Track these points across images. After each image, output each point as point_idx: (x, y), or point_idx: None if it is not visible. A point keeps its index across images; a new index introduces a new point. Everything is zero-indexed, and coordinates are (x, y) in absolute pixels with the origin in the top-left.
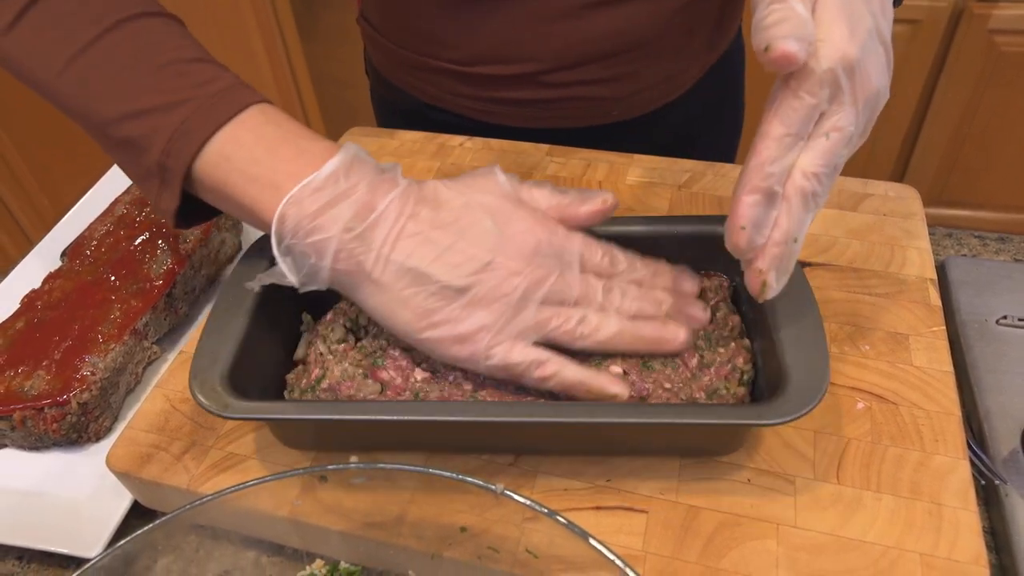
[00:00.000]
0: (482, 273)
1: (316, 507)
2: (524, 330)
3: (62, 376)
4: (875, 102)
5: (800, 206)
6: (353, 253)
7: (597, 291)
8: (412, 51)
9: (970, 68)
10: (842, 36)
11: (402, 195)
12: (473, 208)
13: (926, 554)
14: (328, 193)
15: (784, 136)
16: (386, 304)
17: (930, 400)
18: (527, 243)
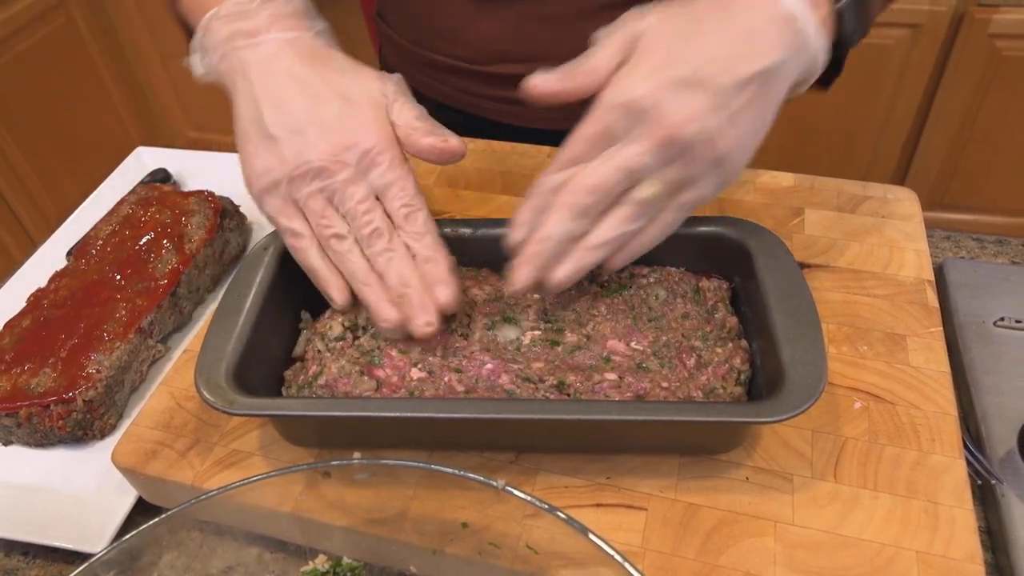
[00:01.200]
0: (293, 135)
1: (319, 503)
2: (295, 198)
3: (68, 374)
4: (680, 147)
5: (561, 215)
6: (230, 60)
7: (370, 224)
8: (426, 48)
9: (971, 72)
10: (636, 78)
11: (296, 41)
12: (337, 88)
13: (922, 552)
14: (239, 11)
15: (568, 157)
16: (235, 114)
17: (927, 400)
18: (349, 138)
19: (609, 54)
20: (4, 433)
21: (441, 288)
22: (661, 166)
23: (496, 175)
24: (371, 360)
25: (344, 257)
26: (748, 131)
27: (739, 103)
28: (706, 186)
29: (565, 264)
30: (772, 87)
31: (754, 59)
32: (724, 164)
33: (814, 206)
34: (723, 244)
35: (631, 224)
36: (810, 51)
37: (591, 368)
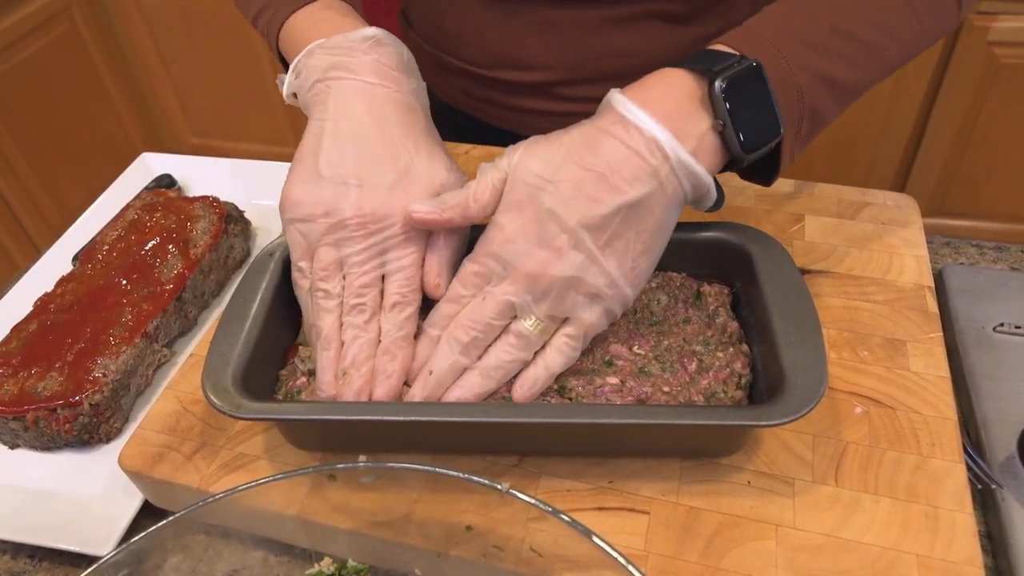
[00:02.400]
0: (338, 183)
1: (324, 506)
2: (313, 241)
3: (74, 378)
4: (544, 287)
5: (446, 347)
6: (318, 89)
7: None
8: (438, 49)
9: (970, 79)
10: (500, 228)
11: (389, 94)
12: (401, 158)
13: (923, 555)
14: (347, 46)
15: (455, 294)
16: (304, 136)
17: (927, 405)
18: (387, 211)
19: (480, 191)
20: (11, 437)
21: (380, 386)
22: (534, 302)
23: None
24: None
25: (321, 314)
26: (621, 263)
27: (602, 240)
28: (588, 317)
29: (456, 389)
30: (641, 217)
31: (613, 195)
32: (602, 295)
33: (814, 212)
34: (724, 249)
35: (516, 352)
36: (685, 173)
37: (593, 372)
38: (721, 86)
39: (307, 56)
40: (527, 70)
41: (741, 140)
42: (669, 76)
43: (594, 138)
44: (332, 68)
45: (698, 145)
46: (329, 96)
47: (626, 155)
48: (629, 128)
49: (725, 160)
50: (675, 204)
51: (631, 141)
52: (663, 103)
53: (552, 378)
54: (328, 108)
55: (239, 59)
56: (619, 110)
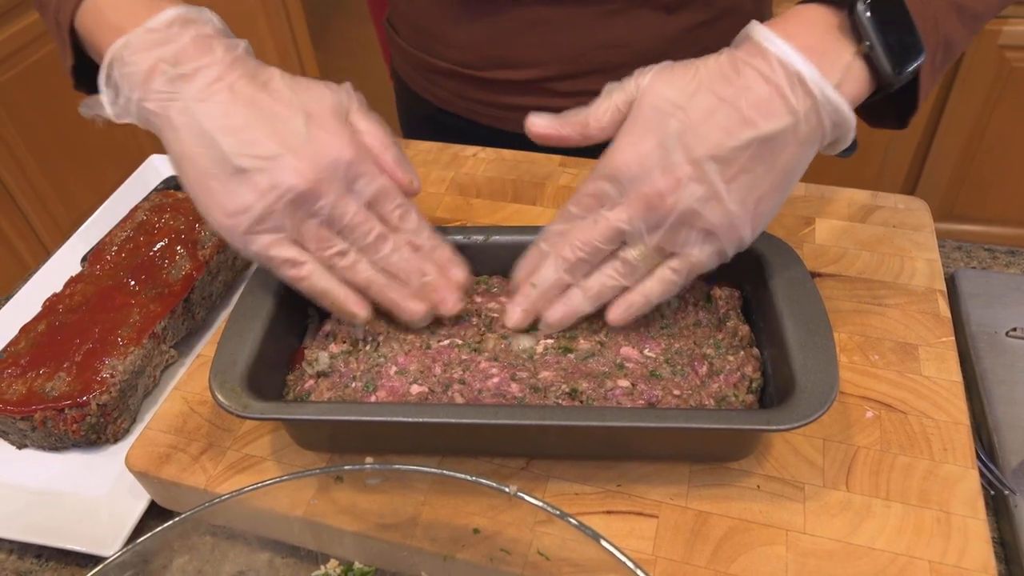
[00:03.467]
0: (266, 162)
1: (331, 508)
2: (288, 229)
3: (82, 378)
4: (664, 213)
5: (552, 264)
6: (161, 95)
7: (372, 232)
8: (427, 53)
9: (981, 83)
10: (621, 150)
11: (231, 62)
12: (294, 106)
13: (935, 562)
14: (156, 36)
15: (569, 212)
16: (178, 155)
17: (939, 409)
18: (326, 154)
19: (602, 111)
20: (19, 437)
21: (455, 269)
22: (646, 231)
23: (507, 183)
24: (365, 386)
25: (354, 270)
26: (745, 201)
27: (728, 174)
28: (698, 254)
29: (557, 307)
30: (774, 154)
31: (749, 126)
32: (717, 234)
33: (825, 215)
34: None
35: (620, 280)
36: (828, 109)
37: (603, 375)
38: (863, 7)
39: (120, 65)
40: (519, 68)
41: (889, 61)
42: (806, 10)
43: (733, 68)
44: (159, 71)
45: (844, 76)
46: (182, 100)
47: (765, 88)
48: (771, 60)
49: (872, 88)
50: (811, 143)
51: (772, 74)
52: (806, 36)
53: (649, 307)
54: (193, 111)
55: None
56: (761, 42)
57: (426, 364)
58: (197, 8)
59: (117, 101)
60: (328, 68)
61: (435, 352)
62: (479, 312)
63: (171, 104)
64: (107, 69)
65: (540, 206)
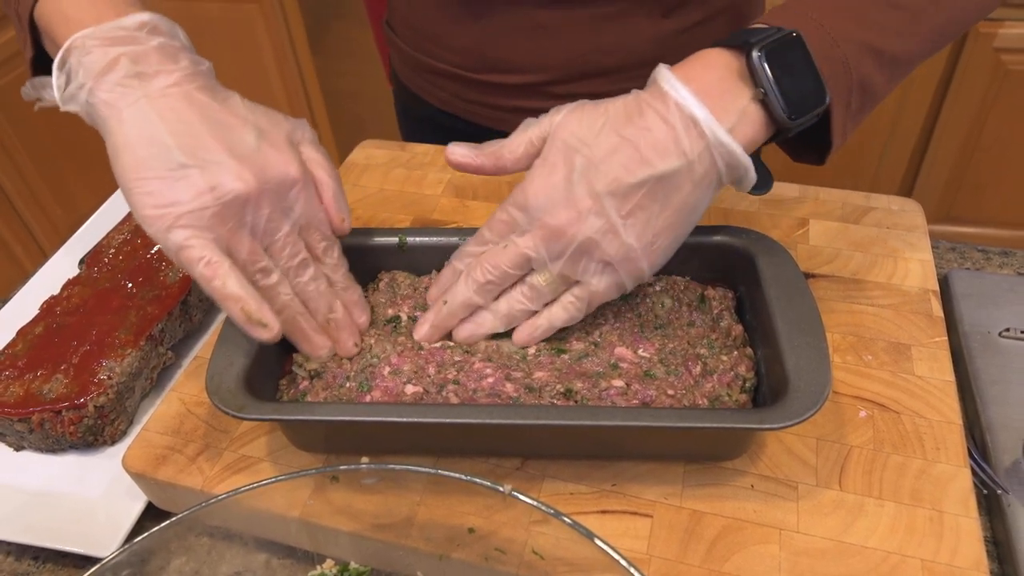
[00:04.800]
0: (209, 165)
1: (327, 508)
2: (214, 233)
3: (80, 380)
4: (564, 244)
5: (464, 284)
6: (116, 88)
7: (297, 256)
8: (426, 55)
9: (976, 86)
10: (531, 182)
11: (193, 74)
12: (248, 121)
13: (927, 560)
14: (122, 34)
15: (482, 237)
16: (118, 146)
17: (932, 409)
18: (271, 170)
19: (516, 143)
20: (16, 439)
21: (359, 312)
22: (550, 259)
23: (503, 185)
24: (359, 386)
25: (274, 290)
26: (641, 236)
27: (625, 209)
28: (597, 284)
29: (465, 325)
30: (669, 193)
31: (643, 166)
32: (614, 265)
33: (819, 217)
34: (728, 253)
35: (527, 304)
36: (721, 151)
37: (598, 375)
38: (758, 54)
39: (80, 53)
40: (516, 72)
41: (784, 106)
42: (707, 54)
43: (635, 109)
44: (117, 66)
45: (738, 120)
46: (130, 93)
47: (661, 129)
48: (668, 103)
49: (770, 132)
50: (707, 184)
51: (669, 116)
52: (705, 79)
53: (552, 331)
54: (142, 107)
55: (243, 65)
56: (662, 84)
57: (420, 365)
58: (169, 20)
59: (67, 87)
60: (326, 71)
61: (428, 353)
62: None
63: (124, 97)
64: (64, 54)
65: None
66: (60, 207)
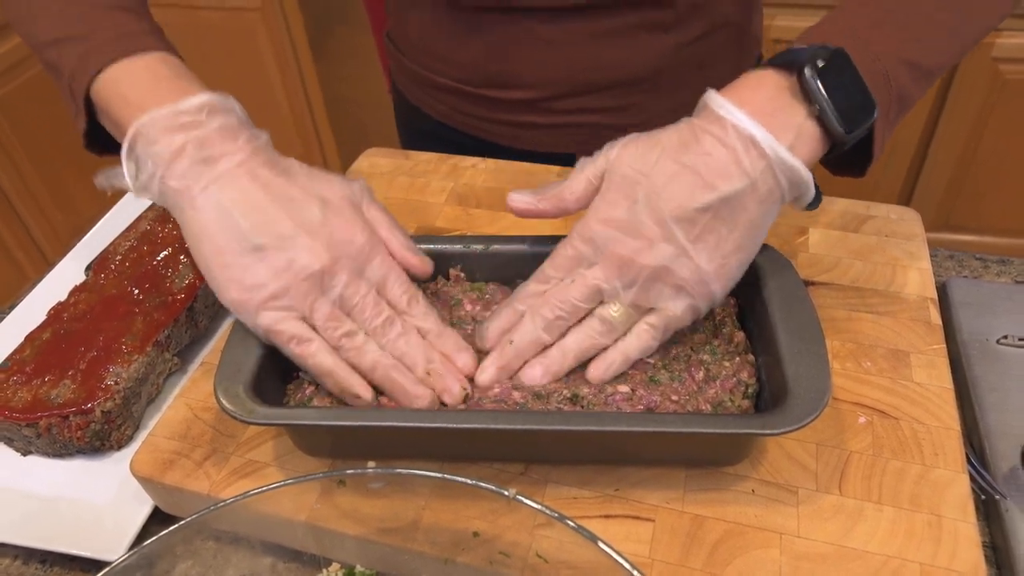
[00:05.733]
0: (283, 240)
1: (333, 512)
2: (299, 307)
3: (87, 385)
4: (635, 273)
5: (530, 322)
6: (186, 175)
7: (380, 315)
8: (426, 69)
9: (975, 95)
10: (595, 215)
11: (253, 150)
12: (311, 192)
13: (926, 564)
14: (185, 119)
15: (546, 274)
16: (195, 232)
17: (930, 415)
18: (340, 239)
19: (576, 184)
20: (24, 444)
21: (462, 355)
22: (622, 289)
23: (506, 193)
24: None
25: (361, 351)
26: (712, 258)
27: (694, 234)
28: (672, 309)
29: (535, 365)
30: (735, 214)
31: (707, 190)
32: (687, 289)
33: (819, 225)
34: None
35: (598, 338)
36: (783, 168)
37: (604, 381)
38: (811, 72)
39: (146, 142)
40: (517, 87)
41: (840, 121)
42: (758, 76)
43: (691, 136)
44: (184, 153)
45: (796, 137)
46: (200, 179)
47: (721, 152)
48: (725, 126)
49: (825, 148)
50: (771, 202)
51: (727, 139)
52: (758, 101)
53: (628, 364)
54: (212, 192)
55: (245, 72)
56: (715, 109)
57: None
58: (223, 96)
59: (138, 176)
60: (328, 77)
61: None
62: (475, 319)
63: (194, 184)
64: (130, 143)
65: None
66: (61, 212)
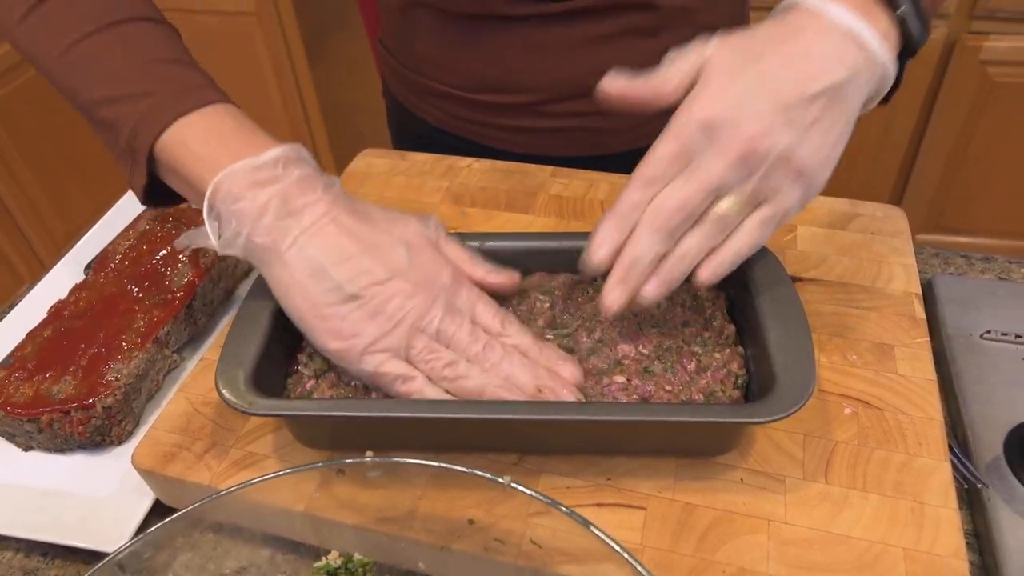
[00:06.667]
0: (377, 287)
1: (332, 502)
2: (398, 349)
3: (88, 381)
4: (758, 160)
5: (649, 235)
6: (272, 230)
7: (477, 342)
8: (421, 75)
9: (963, 98)
10: (708, 97)
11: (333, 199)
12: (393, 235)
13: (909, 548)
14: (264, 174)
15: (648, 176)
16: (287, 286)
17: (914, 406)
18: (428, 278)
19: (671, 75)
20: (25, 439)
21: (567, 366)
22: (739, 181)
23: (500, 193)
24: (365, 385)
25: (466, 377)
26: (822, 145)
27: (809, 118)
28: (788, 199)
29: (653, 281)
30: (841, 103)
31: (819, 77)
32: (804, 178)
33: (806, 223)
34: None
35: (712, 239)
36: (877, 64)
37: (602, 372)
38: None
39: (228, 199)
40: (513, 92)
41: (919, 26)
42: None
43: (787, 32)
44: (269, 209)
45: (884, 37)
46: (287, 234)
47: (822, 44)
48: (822, 20)
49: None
50: (863, 96)
51: (825, 32)
52: (847, 2)
53: (738, 263)
54: (303, 245)
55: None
56: (812, 7)
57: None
58: (294, 145)
59: (222, 234)
60: (323, 83)
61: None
62: None
63: (281, 239)
64: (209, 200)
65: (532, 215)
66: (59, 218)
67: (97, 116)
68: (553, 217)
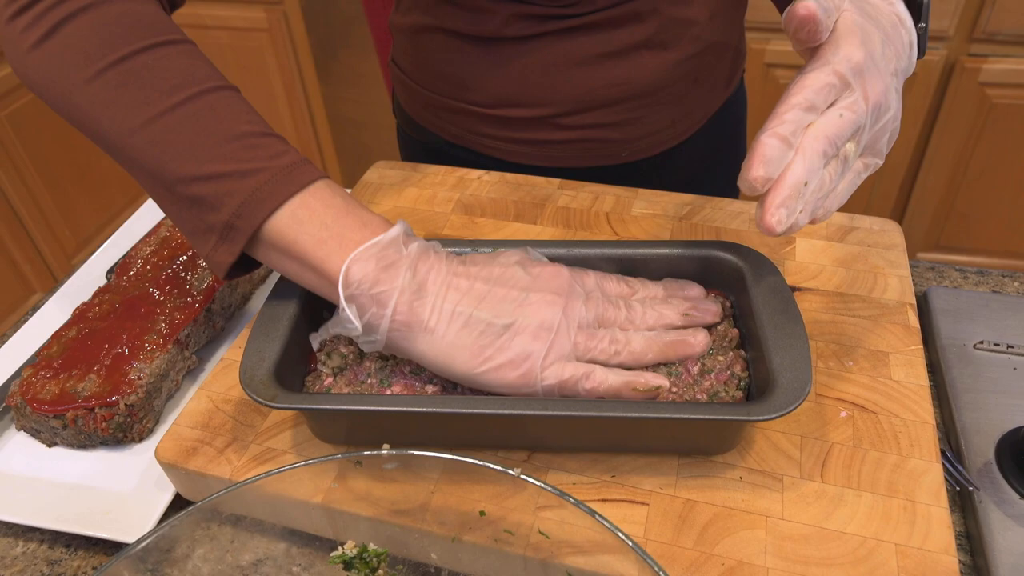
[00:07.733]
0: (522, 307)
1: (348, 495)
2: (567, 351)
3: (111, 380)
4: (881, 112)
5: (812, 156)
6: (411, 304)
7: (620, 311)
8: (437, 93)
9: (963, 119)
10: (852, 45)
11: (446, 259)
12: (503, 264)
13: (901, 544)
14: (391, 254)
15: (803, 101)
16: (443, 350)
17: (907, 410)
18: (554, 280)
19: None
20: (50, 435)
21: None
22: (869, 127)
23: (509, 204)
24: (380, 381)
25: (629, 344)
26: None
27: (898, 91)
28: (879, 154)
29: (805, 209)
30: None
31: (898, 56)
32: (888, 144)
33: (805, 235)
34: (722, 265)
35: (837, 175)
36: (913, 53)
37: None
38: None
39: (364, 284)
40: (529, 106)
41: (925, 45)
42: None
43: (870, 10)
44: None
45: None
46: (424, 306)
47: (895, 24)
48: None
49: None
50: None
51: (900, 22)
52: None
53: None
54: (438, 311)
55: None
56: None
57: None
58: (402, 223)
59: (363, 318)
60: (332, 99)
61: None
62: None
63: (422, 310)
64: (344, 286)
65: (540, 225)
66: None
67: (186, 193)
68: (560, 227)
